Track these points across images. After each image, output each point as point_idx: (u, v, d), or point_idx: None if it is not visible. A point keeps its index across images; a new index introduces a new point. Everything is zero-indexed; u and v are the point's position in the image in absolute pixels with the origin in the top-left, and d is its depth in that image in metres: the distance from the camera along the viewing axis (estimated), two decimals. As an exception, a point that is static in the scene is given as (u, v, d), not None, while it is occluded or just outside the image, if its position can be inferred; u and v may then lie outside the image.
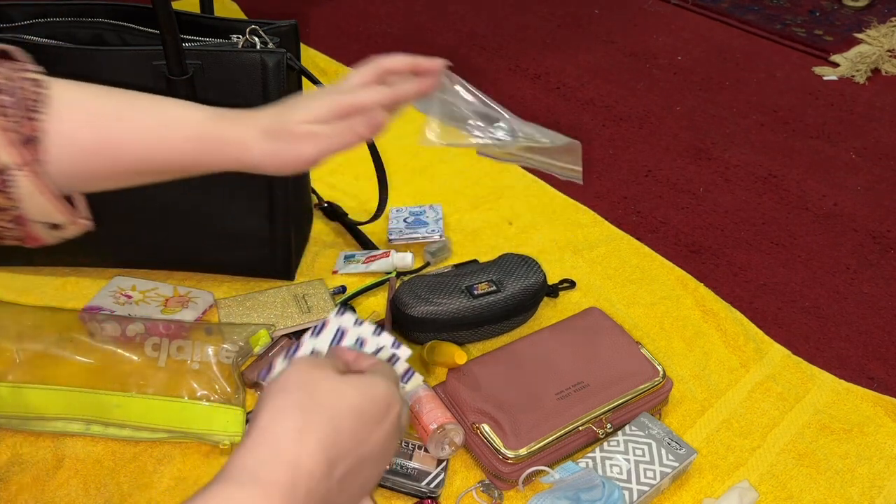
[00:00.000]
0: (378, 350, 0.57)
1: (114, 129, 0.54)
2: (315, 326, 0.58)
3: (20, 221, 0.54)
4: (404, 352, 0.57)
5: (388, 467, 0.58)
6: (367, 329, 0.57)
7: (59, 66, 0.78)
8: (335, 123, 0.58)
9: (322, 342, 0.57)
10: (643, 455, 0.74)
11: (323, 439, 0.42)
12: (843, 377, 0.90)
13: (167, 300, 0.90)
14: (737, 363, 0.90)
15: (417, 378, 0.58)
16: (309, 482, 0.41)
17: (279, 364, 0.55)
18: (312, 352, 0.56)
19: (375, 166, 0.98)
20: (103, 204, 0.85)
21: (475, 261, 0.98)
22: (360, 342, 0.57)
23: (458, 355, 0.80)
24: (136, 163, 0.55)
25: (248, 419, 0.77)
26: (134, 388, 0.75)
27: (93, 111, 0.54)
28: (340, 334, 0.57)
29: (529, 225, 1.10)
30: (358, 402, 0.45)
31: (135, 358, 0.75)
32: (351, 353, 0.53)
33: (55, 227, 0.56)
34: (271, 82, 0.80)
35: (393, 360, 0.57)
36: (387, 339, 0.57)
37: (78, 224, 0.56)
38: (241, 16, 1.62)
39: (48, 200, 0.53)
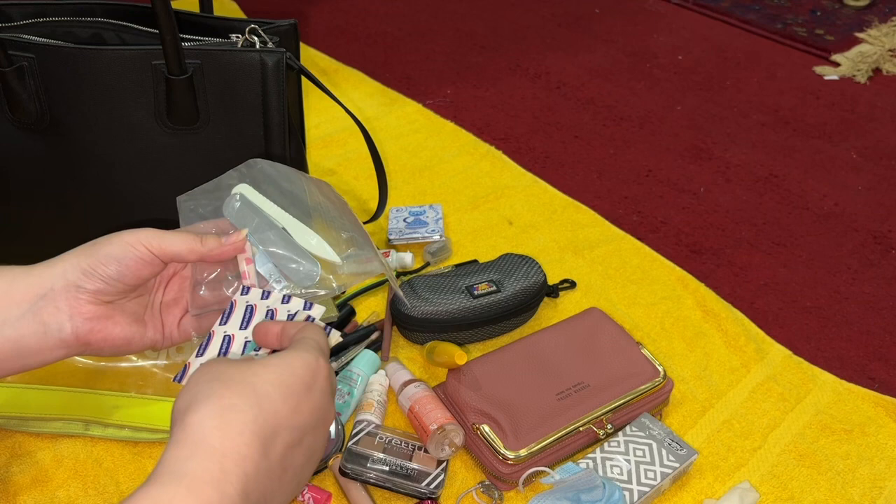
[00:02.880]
0: (291, 316, 0.55)
1: None
2: (223, 313, 0.54)
3: None
4: (317, 310, 0.54)
5: (330, 430, 0.56)
6: (275, 299, 0.55)
7: (59, 65, 0.78)
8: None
9: (232, 326, 0.54)
10: (644, 456, 0.74)
11: (248, 420, 0.40)
12: (845, 377, 0.90)
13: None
14: (738, 363, 0.90)
15: (319, 308, 0.55)
16: (242, 465, 0.38)
17: (194, 363, 0.52)
18: (225, 339, 0.53)
19: (375, 166, 0.98)
20: (103, 206, 0.85)
21: (475, 261, 0.98)
22: (271, 314, 0.54)
23: (458, 355, 0.79)
24: None
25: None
26: (133, 388, 0.74)
27: None
28: (250, 313, 0.54)
29: (529, 225, 1.09)
30: (276, 376, 0.43)
31: (134, 358, 0.75)
32: (275, 326, 0.50)
33: None
34: (271, 82, 0.80)
35: (308, 321, 0.55)
36: (296, 303, 0.55)
37: None
38: (241, 15, 1.62)
39: None
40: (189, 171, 0.83)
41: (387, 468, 0.73)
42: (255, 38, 0.82)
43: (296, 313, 0.55)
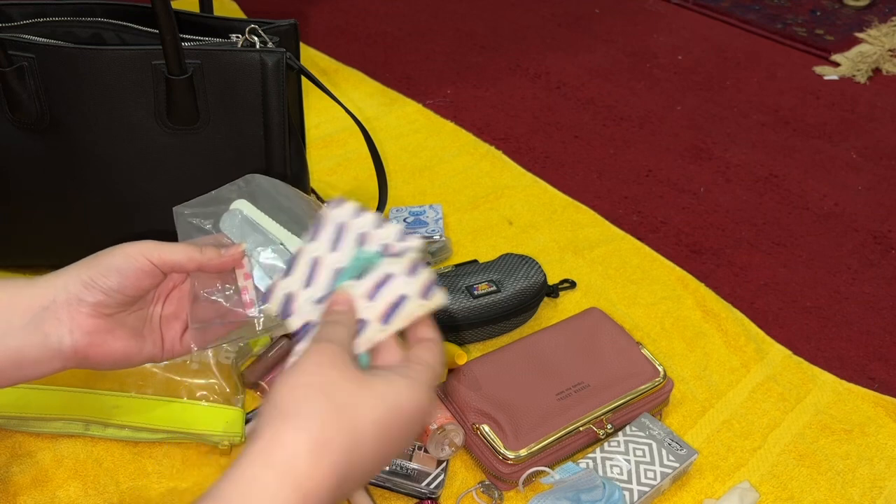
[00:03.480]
0: (385, 249, 0.49)
1: None
2: (311, 229, 0.51)
3: None
4: (414, 242, 0.49)
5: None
6: (369, 220, 0.50)
7: (59, 65, 0.78)
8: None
9: (320, 247, 0.50)
10: (644, 455, 0.74)
11: (338, 462, 0.39)
12: (844, 377, 0.90)
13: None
14: (738, 363, 0.90)
15: (440, 295, 0.49)
16: (317, 498, 0.38)
17: (280, 286, 0.49)
18: (313, 264, 0.50)
19: (375, 166, 0.98)
20: (103, 205, 0.85)
21: (475, 261, 0.98)
22: (362, 239, 0.50)
23: (458, 355, 0.79)
24: None
25: (249, 419, 0.77)
26: (133, 388, 0.74)
27: None
28: (339, 232, 0.50)
29: (529, 225, 1.09)
30: (381, 413, 0.41)
31: (134, 358, 0.75)
32: (392, 348, 0.48)
33: None
34: (271, 82, 0.80)
35: (402, 254, 0.49)
36: (392, 230, 0.49)
37: None
38: (241, 15, 1.62)
39: None
40: (189, 171, 0.83)
41: (387, 468, 0.73)
42: (255, 38, 0.82)
43: (387, 246, 0.50)
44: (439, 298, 0.49)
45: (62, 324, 0.49)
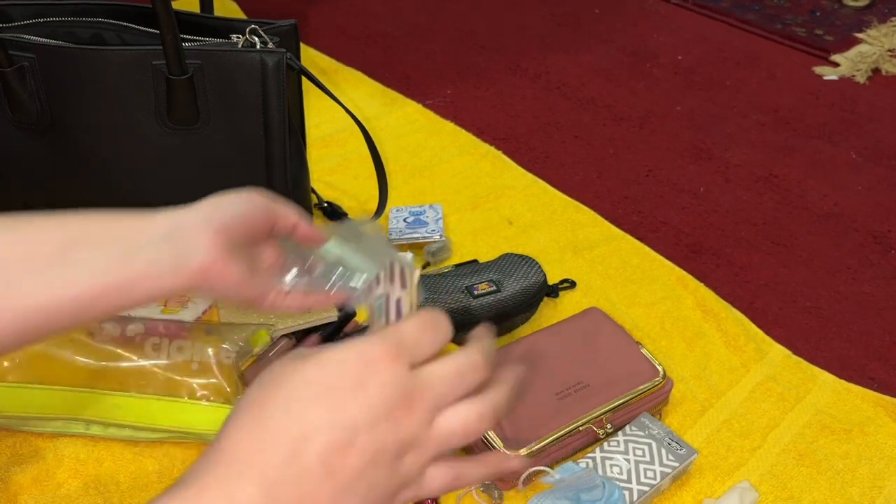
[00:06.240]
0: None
1: (41, 305, 0.49)
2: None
3: None
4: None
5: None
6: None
7: (60, 66, 0.78)
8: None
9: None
10: (643, 455, 0.74)
11: (271, 426, 0.38)
12: (844, 377, 0.90)
13: (167, 300, 0.90)
14: (737, 363, 0.90)
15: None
16: (262, 474, 0.36)
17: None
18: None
19: (375, 166, 0.98)
20: (103, 205, 0.85)
21: (475, 261, 0.98)
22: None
23: (459, 355, 0.79)
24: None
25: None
26: (134, 388, 0.75)
27: (16, 269, 0.49)
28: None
29: (529, 225, 1.10)
30: (317, 373, 0.39)
31: (134, 358, 0.75)
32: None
33: None
34: (271, 82, 0.80)
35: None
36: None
37: None
38: (241, 15, 1.62)
39: None
40: (189, 171, 0.83)
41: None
42: (256, 39, 0.82)
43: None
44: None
45: (192, 242, 0.52)
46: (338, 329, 0.86)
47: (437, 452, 0.41)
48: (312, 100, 1.16)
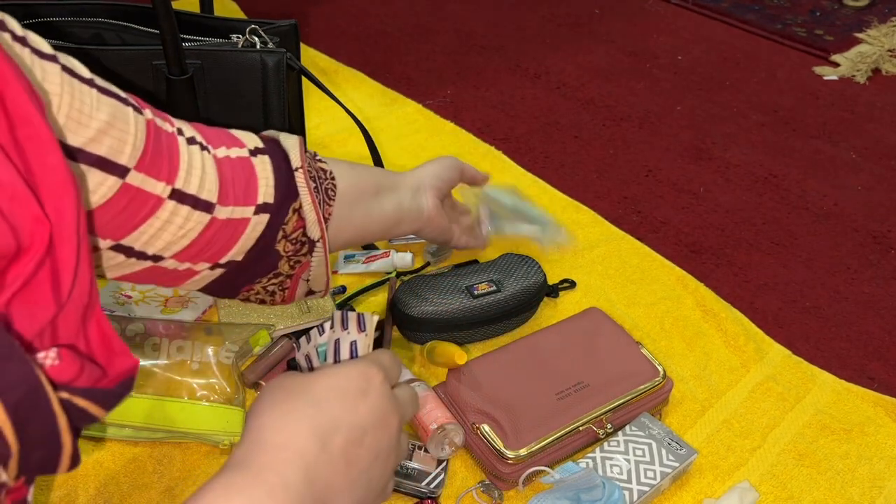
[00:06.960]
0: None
1: (367, 224, 0.73)
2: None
3: (287, 285, 0.66)
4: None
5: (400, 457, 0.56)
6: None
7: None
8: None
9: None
10: (643, 455, 0.74)
11: (305, 418, 0.44)
12: (844, 377, 0.90)
13: (167, 300, 0.90)
14: (737, 363, 0.90)
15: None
16: (302, 456, 0.42)
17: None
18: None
19: (375, 166, 0.98)
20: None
21: (475, 261, 0.98)
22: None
23: (458, 355, 0.79)
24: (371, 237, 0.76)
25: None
26: (133, 388, 0.74)
27: (357, 201, 0.70)
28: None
29: (529, 225, 1.09)
30: (333, 381, 0.46)
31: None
32: None
33: (310, 292, 0.70)
34: (271, 82, 0.80)
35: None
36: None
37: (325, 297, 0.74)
38: (241, 15, 1.62)
39: (325, 271, 0.68)
40: (189, 171, 0.83)
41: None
42: (256, 39, 0.82)
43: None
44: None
45: (426, 196, 0.78)
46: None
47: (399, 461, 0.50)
48: (312, 100, 1.16)
